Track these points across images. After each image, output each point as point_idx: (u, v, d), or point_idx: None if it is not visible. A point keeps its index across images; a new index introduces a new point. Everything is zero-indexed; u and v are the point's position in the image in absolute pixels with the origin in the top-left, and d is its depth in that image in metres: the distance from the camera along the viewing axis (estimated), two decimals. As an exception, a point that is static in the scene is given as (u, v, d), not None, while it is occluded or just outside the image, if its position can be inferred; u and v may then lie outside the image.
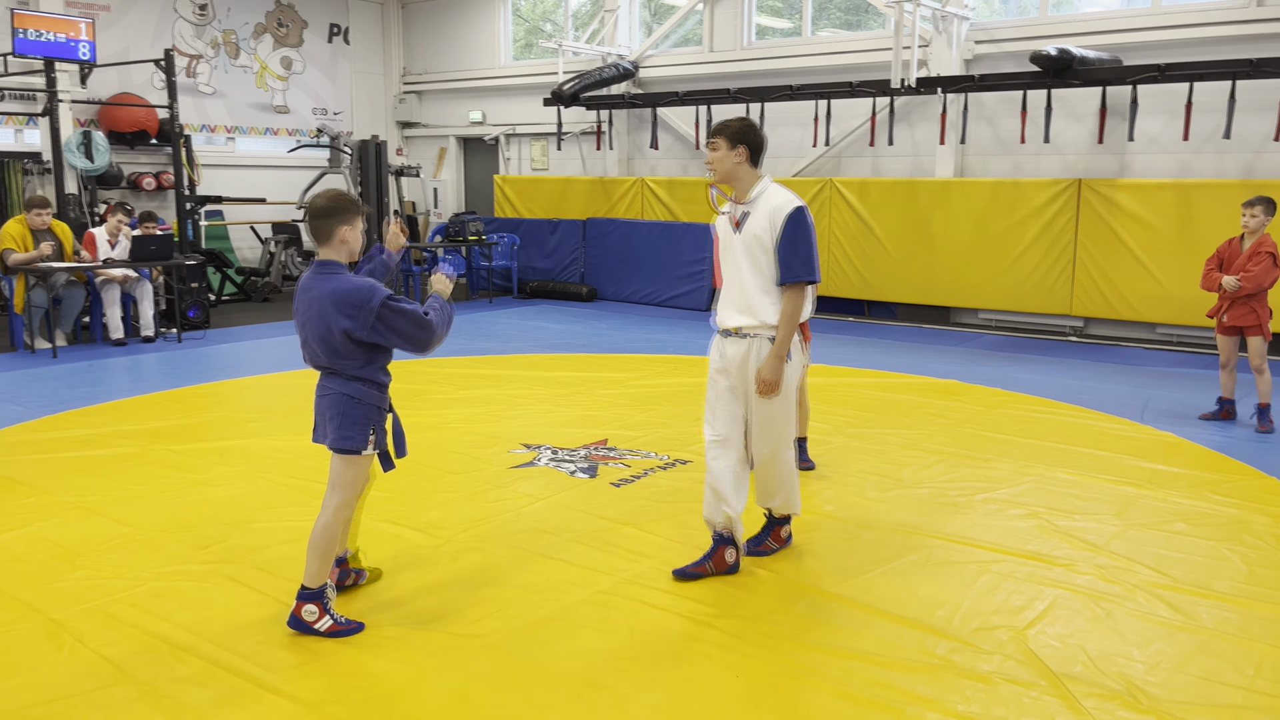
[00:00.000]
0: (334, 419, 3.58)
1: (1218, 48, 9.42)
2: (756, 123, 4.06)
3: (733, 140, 3.98)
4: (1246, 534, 4.73)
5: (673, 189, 13.01)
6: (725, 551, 4.16)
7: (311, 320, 3.53)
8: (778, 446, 4.19)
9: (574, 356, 9.27)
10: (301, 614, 3.59)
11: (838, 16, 12.58)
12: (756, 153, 4.01)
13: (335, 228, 3.52)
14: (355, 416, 3.58)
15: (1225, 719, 3.13)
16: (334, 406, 3.58)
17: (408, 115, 16.38)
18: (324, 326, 3.49)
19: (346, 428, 3.57)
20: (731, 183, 4.06)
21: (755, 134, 4.01)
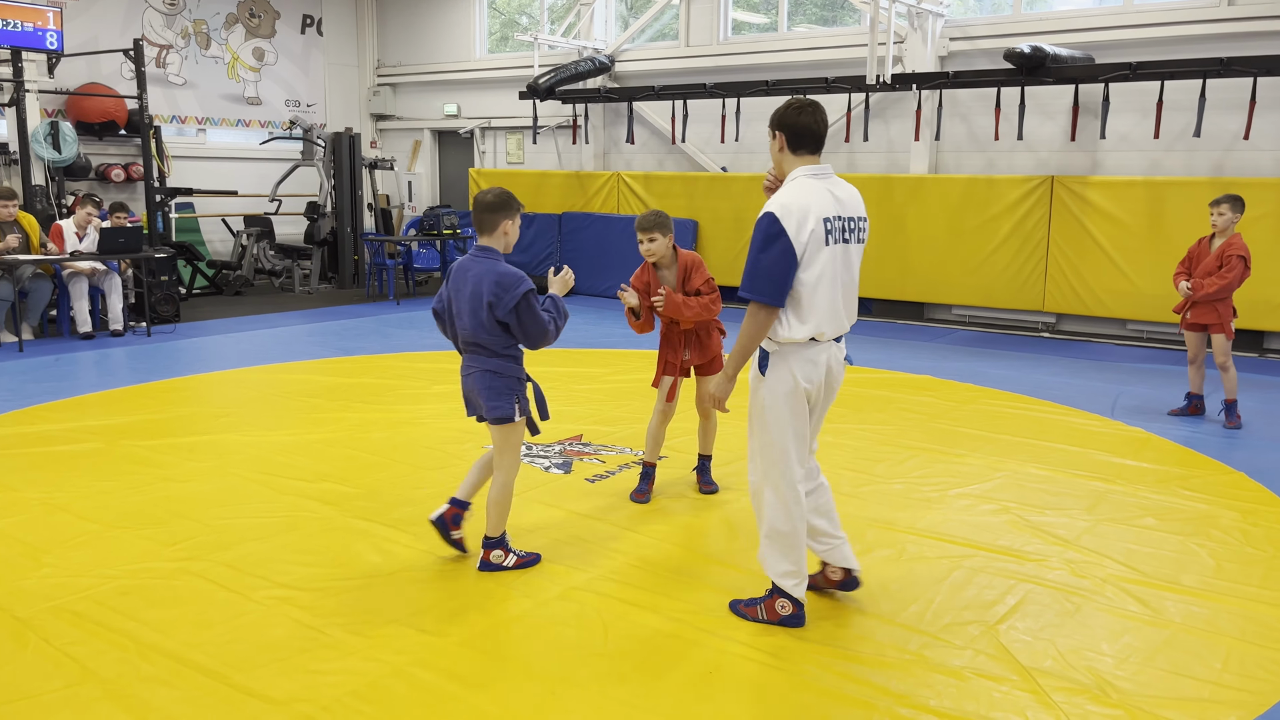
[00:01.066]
0: (483, 393, 4.00)
1: (1189, 46, 9.51)
2: (807, 102, 3.46)
3: (771, 126, 3.51)
4: (1214, 529, 4.78)
5: (649, 183, 12.99)
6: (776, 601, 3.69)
7: (468, 296, 3.92)
8: (755, 483, 3.67)
9: (548, 351, 9.23)
10: (490, 559, 4.12)
11: (814, 12, 12.60)
12: (797, 137, 3.44)
13: (500, 220, 3.96)
14: (500, 389, 4.00)
15: (1193, 712, 3.16)
16: (481, 382, 4.00)
17: (382, 108, 16.26)
18: (478, 302, 3.89)
19: (495, 399, 3.99)
20: (781, 176, 3.57)
21: (794, 115, 3.44)
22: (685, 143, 12.77)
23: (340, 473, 5.47)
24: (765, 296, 3.38)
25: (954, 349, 9.63)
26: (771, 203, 3.40)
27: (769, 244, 3.35)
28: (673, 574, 4.14)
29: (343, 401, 7.10)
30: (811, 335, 3.44)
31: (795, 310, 3.43)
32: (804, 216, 3.35)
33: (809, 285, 3.40)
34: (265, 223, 13.95)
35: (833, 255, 3.43)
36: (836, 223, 3.43)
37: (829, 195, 3.44)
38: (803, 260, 3.37)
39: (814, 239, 3.36)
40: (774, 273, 3.35)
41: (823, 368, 3.53)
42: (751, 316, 3.43)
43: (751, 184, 12.07)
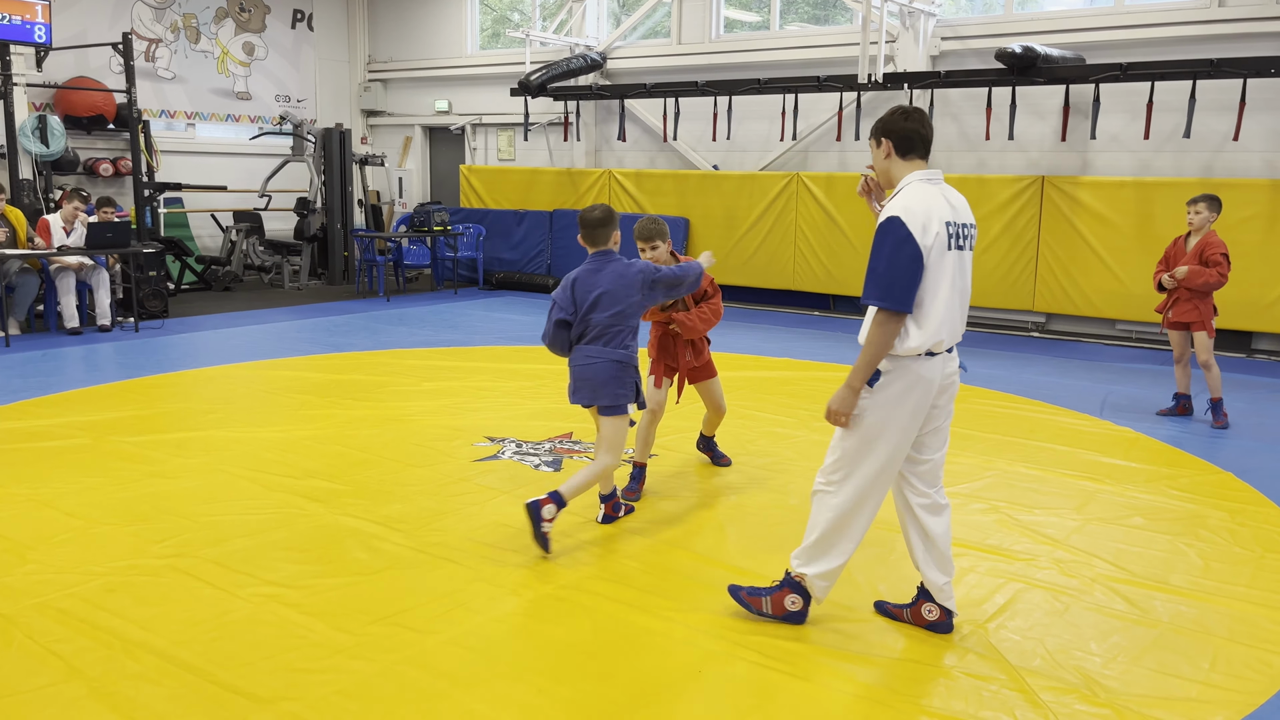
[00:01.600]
0: (608, 383, 4.35)
1: (1179, 47, 9.54)
2: (912, 108, 3.41)
3: (875, 133, 3.44)
4: (1202, 528, 4.80)
5: (640, 181, 12.97)
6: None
7: (610, 293, 4.33)
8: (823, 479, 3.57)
9: (539, 349, 9.22)
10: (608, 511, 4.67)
11: (806, 11, 12.60)
12: (904, 142, 3.36)
13: (611, 232, 4.45)
14: (625, 380, 4.37)
15: (1181, 712, 3.17)
16: (606, 372, 4.34)
17: (372, 104, 16.20)
18: (623, 295, 4.33)
19: (619, 388, 4.37)
20: (889, 184, 3.50)
21: (900, 121, 3.37)
22: (677, 140, 12.76)
23: (329, 470, 5.44)
24: (895, 303, 3.25)
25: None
26: (893, 207, 3.29)
27: (898, 248, 3.23)
28: (663, 572, 4.14)
29: (332, 398, 7.08)
30: (929, 346, 3.32)
31: (916, 319, 3.31)
32: (927, 220, 3.24)
33: (931, 292, 3.29)
34: (255, 218, 13.89)
35: (953, 261, 3.32)
36: (954, 228, 3.33)
37: (944, 200, 3.34)
38: (928, 265, 3.26)
39: (938, 244, 3.26)
40: (904, 279, 3.23)
41: (935, 380, 3.40)
42: (879, 325, 3.29)
43: (742, 182, 12.07)
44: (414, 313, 11.34)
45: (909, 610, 3.72)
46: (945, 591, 3.61)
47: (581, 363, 4.41)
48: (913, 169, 3.39)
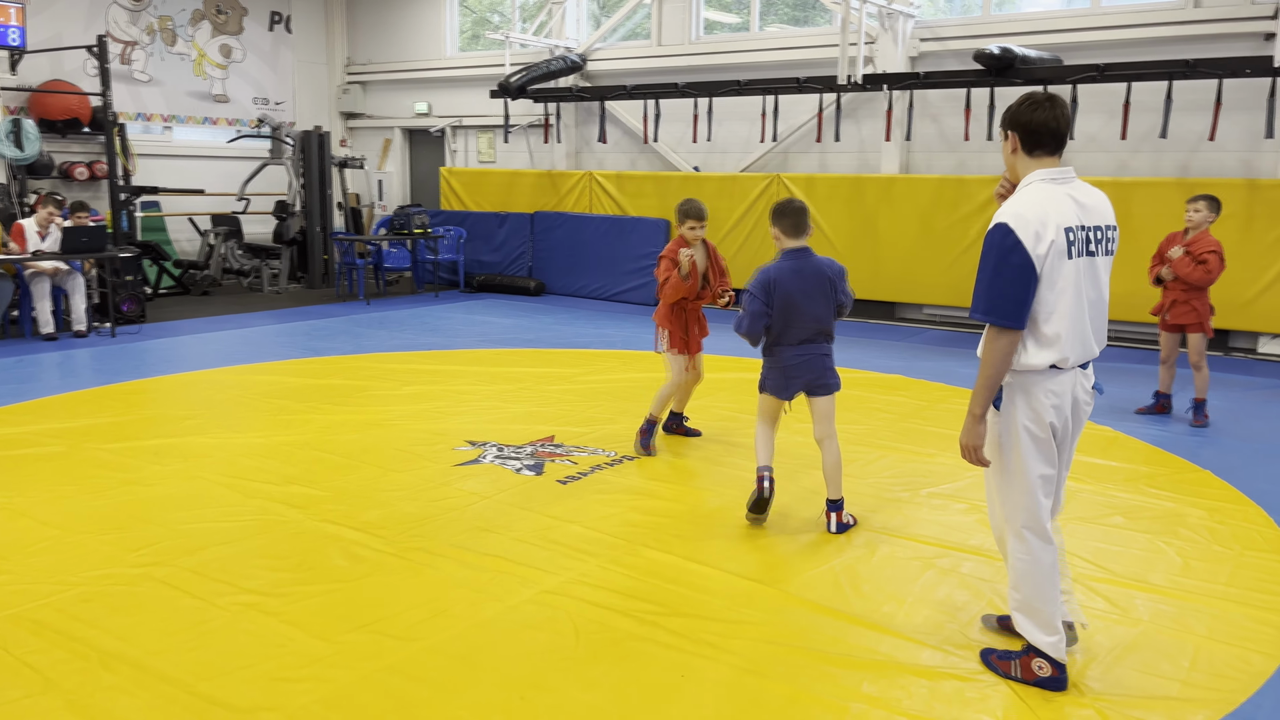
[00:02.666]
0: (829, 371, 4.72)
1: (1155, 48, 9.61)
2: (1044, 96, 3.10)
3: (1003, 125, 3.17)
4: (1182, 527, 4.82)
5: (621, 183, 12.96)
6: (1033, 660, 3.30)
7: (818, 290, 4.61)
8: (998, 527, 3.38)
9: (521, 352, 9.19)
10: (842, 519, 4.70)
11: (785, 12, 12.62)
12: (1034, 135, 3.07)
13: (809, 223, 4.68)
14: (834, 367, 4.79)
15: (1162, 711, 3.18)
16: (825, 362, 4.72)
17: (352, 106, 16.12)
18: (830, 292, 4.62)
19: (835, 374, 4.77)
20: (1015, 179, 3.21)
21: (1029, 111, 3.08)
22: (657, 142, 12.75)
23: (308, 475, 5.40)
24: (1005, 319, 3.00)
25: (925, 348, 9.68)
26: (1003, 212, 3.02)
27: (1004, 259, 2.97)
28: (645, 576, 4.12)
29: (311, 403, 7.02)
30: (1053, 362, 3.05)
31: (1034, 333, 3.05)
32: (1042, 226, 2.96)
33: (1050, 304, 3.01)
34: (233, 222, 13.79)
35: (1077, 270, 3.03)
36: (1080, 233, 3.03)
37: (1070, 201, 3.05)
38: (1043, 276, 2.99)
39: (1055, 251, 2.97)
40: (1012, 292, 2.98)
41: (1068, 399, 3.13)
42: (991, 343, 3.05)
43: (723, 183, 12.08)
44: (394, 316, 11.29)
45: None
46: (1065, 605, 3.40)
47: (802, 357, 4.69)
48: (1038, 166, 3.10)
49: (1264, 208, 9.06)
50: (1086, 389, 3.23)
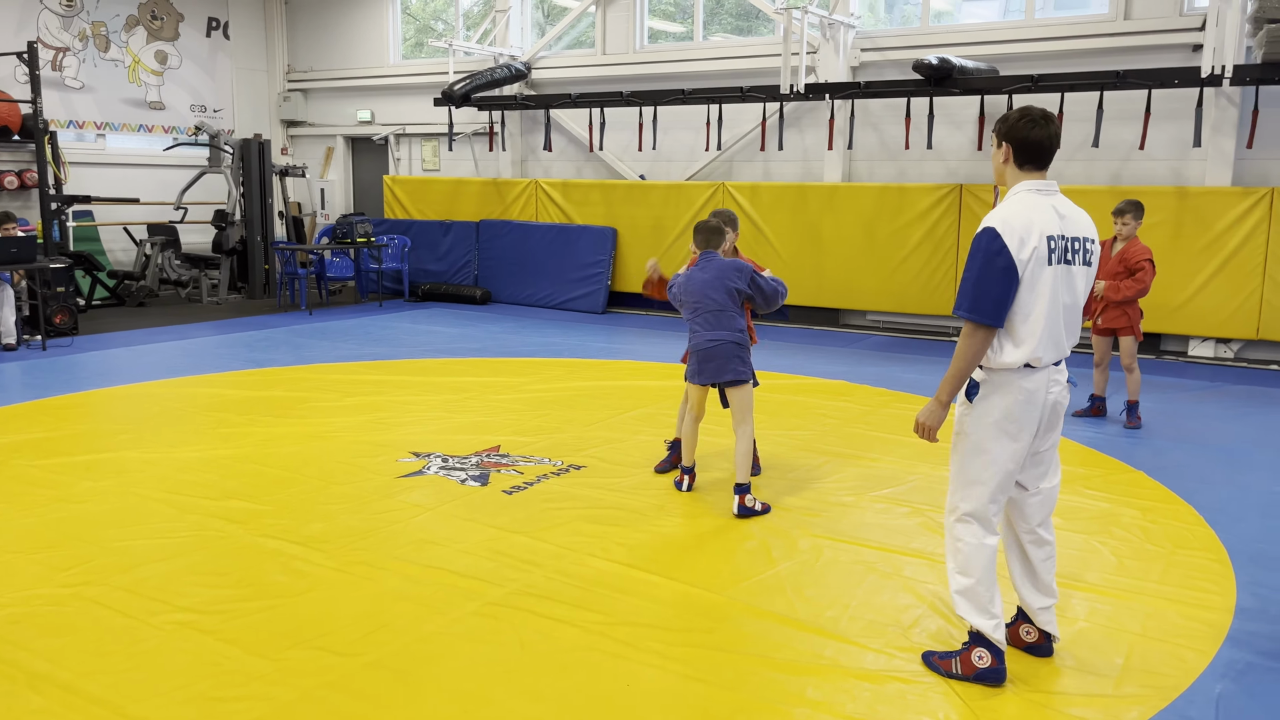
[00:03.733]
0: (737, 361, 5.07)
1: (1088, 59, 9.85)
2: (1040, 113, 3.25)
3: (997, 135, 3.31)
4: (1116, 526, 4.93)
5: (567, 191, 12.94)
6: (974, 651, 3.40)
7: (718, 281, 5.06)
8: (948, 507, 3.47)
9: (467, 361, 9.12)
10: (745, 502, 5.00)
11: (729, 22, 12.71)
12: (1024, 150, 3.23)
13: (726, 235, 5.26)
14: (744, 356, 5.11)
15: (1100, 708, 3.24)
16: (733, 351, 5.06)
17: (292, 114, 15.90)
18: (728, 283, 5.04)
19: (744, 364, 5.10)
20: (1003, 184, 3.38)
21: (1026, 128, 3.22)
22: (603, 151, 12.76)
23: (248, 489, 5.30)
24: (985, 317, 3.16)
25: (868, 354, 9.80)
26: (991, 217, 3.20)
27: (990, 260, 3.14)
28: (591, 585, 4.10)
29: (251, 415, 6.90)
30: (1026, 360, 3.21)
31: (1011, 333, 3.21)
32: (1026, 232, 3.13)
33: (1027, 306, 3.18)
34: (170, 231, 13.50)
35: (1055, 276, 3.19)
36: (1060, 242, 3.20)
37: (1053, 212, 3.21)
38: (1024, 279, 3.15)
39: (1036, 257, 3.14)
40: (994, 291, 3.14)
41: (1040, 396, 3.27)
42: (968, 337, 3.22)
43: (669, 192, 12.12)
44: (337, 326, 11.14)
45: (1007, 631, 3.54)
46: (1045, 615, 3.51)
47: (706, 346, 5.12)
48: (1027, 177, 3.26)
49: (1192, 215, 9.33)
50: (1061, 385, 3.36)
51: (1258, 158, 9.30)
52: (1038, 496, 3.46)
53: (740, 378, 5.11)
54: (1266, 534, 4.87)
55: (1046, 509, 3.49)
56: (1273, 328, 9.19)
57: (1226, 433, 6.87)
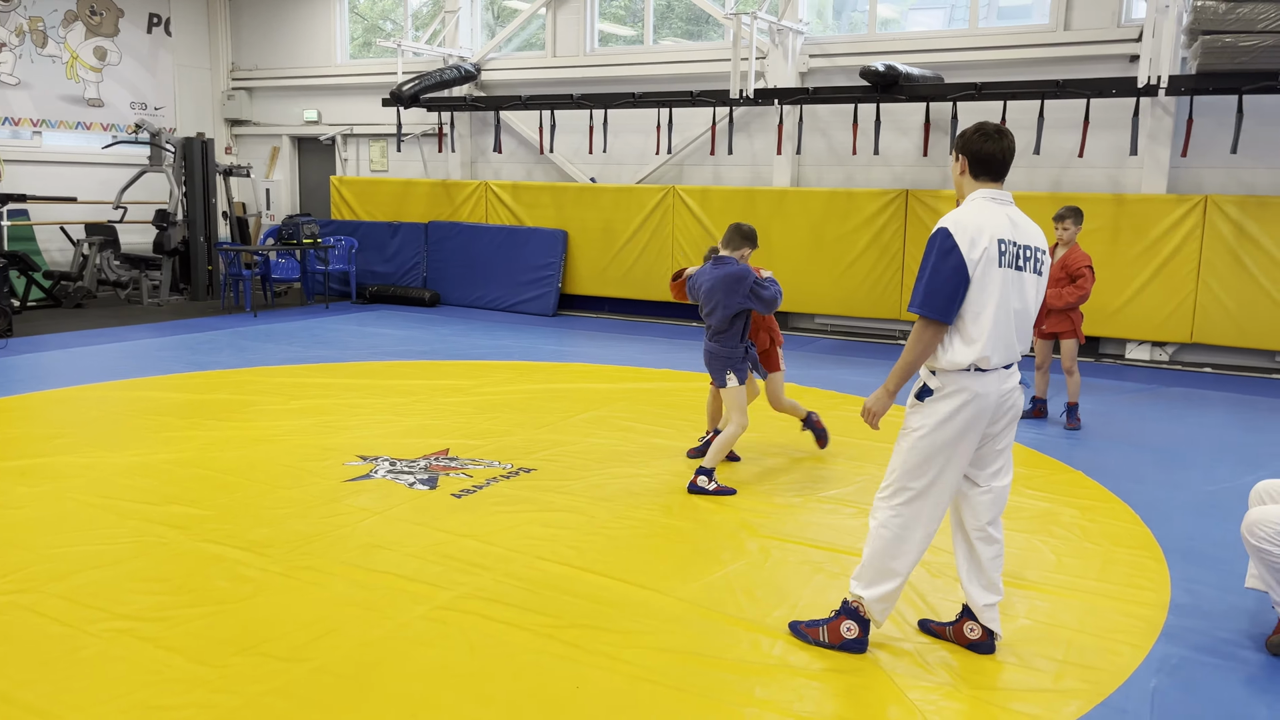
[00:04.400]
0: (716, 361, 5.54)
1: (1029, 68, 10.06)
2: (993, 128, 3.42)
3: (954, 149, 3.48)
4: (1055, 525, 5.04)
5: (517, 193, 12.90)
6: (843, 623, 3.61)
7: (712, 287, 5.45)
8: (878, 496, 3.59)
9: (415, 364, 9.05)
10: (697, 481, 5.38)
11: (679, 26, 12.77)
12: (980, 163, 3.40)
13: (745, 248, 5.55)
14: (730, 365, 5.51)
15: (1040, 703, 3.31)
16: (714, 359, 5.56)
17: (237, 113, 15.65)
18: (723, 302, 5.41)
19: (724, 371, 5.51)
20: (960, 198, 3.51)
21: (979, 141, 3.39)
22: (554, 153, 12.74)
23: (190, 494, 5.20)
24: (935, 313, 3.29)
25: (817, 357, 9.90)
26: (945, 219, 3.34)
27: (942, 259, 3.28)
28: (541, 588, 4.09)
29: (194, 419, 6.77)
30: (975, 361, 3.31)
31: (961, 332, 3.32)
32: (977, 234, 3.27)
33: (976, 306, 3.29)
34: (109, 231, 13.21)
35: (1004, 278, 3.31)
36: (1011, 247, 3.33)
37: (1005, 219, 3.35)
38: (974, 279, 3.27)
39: (987, 258, 3.27)
40: (945, 289, 3.27)
41: (990, 397, 3.36)
42: (919, 332, 3.33)
43: (619, 195, 12.14)
44: (283, 328, 10.98)
45: (951, 628, 3.70)
46: (989, 613, 3.60)
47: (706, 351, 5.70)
48: (981, 187, 3.42)
49: (1129, 221, 9.57)
50: (1014, 386, 3.47)
51: (1192, 166, 9.57)
52: (989, 494, 3.55)
53: (721, 384, 5.57)
54: (1199, 531, 5.01)
55: (997, 508, 3.57)
56: (1206, 331, 9.46)
57: (1161, 433, 7.05)
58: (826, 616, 3.70)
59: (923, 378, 3.47)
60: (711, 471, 5.41)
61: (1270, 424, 7.40)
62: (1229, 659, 3.65)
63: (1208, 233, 9.31)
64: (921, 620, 3.86)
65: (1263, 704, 3.34)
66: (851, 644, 3.59)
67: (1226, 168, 9.48)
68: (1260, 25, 7.99)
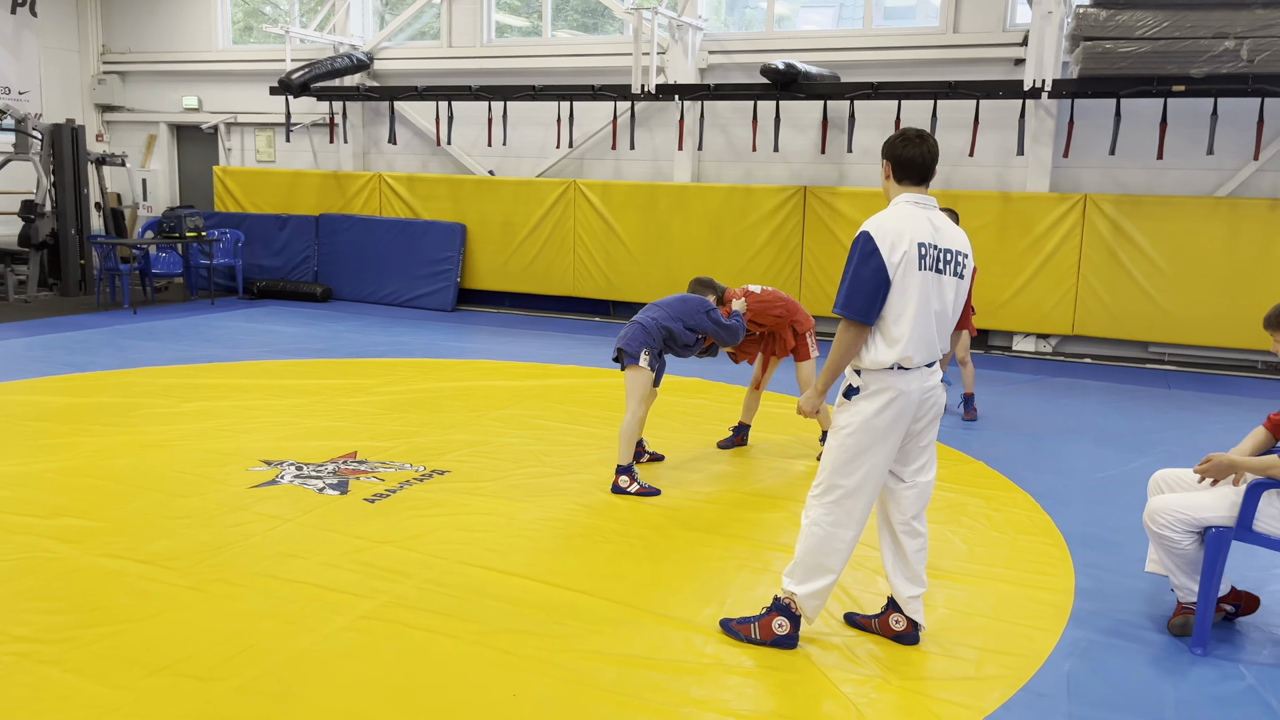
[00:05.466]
0: (631, 337, 5.46)
1: (922, 69, 10.36)
2: (915, 134, 3.49)
3: (882, 154, 3.56)
4: (963, 515, 5.20)
5: (413, 185, 12.62)
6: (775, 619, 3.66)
7: (672, 305, 5.63)
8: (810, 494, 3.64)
9: (313, 362, 8.76)
10: (619, 482, 5.36)
11: (575, 19, 12.70)
12: (902, 168, 3.47)
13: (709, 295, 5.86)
14: (644, 340, 5.46)
15: (964, 690, 3.41)
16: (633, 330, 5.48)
17: (109, 98, 14.86)
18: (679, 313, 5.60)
19: (637, 343, 5.44)
20: (887, 201, 3.59)
21: (901, 146, 3.47)
22: (451, 145, 12.51)
23: (81, 506, 4.91)
24: (857, 314, 3.37)
25: (720, 351, 9.97)
26: (867, 223, 3.41)
27: (863, 262, 3.35)
28: (465, 594, 4.01)
29: (78, 424, 6.40)
30: (898, 360, 3.39)
31: (884, 332, 3.41)
32: (898, 238, 3.34)
33: (897, 308, 3.37)
34: (-30, 223, 12.37)
35: (924, 281, 3.39)
36: (931, 250, 3.40)
37: (927, 223, 3.43)
38: (894, 281, 3.34)
39: (907, 261, 3.34)
40: (866, 290, 3.35)
41: (914, 395, 3.45)
42: (842, 333, 3.42)
43: (519, 188, 12.00)
44: (166, 326, 10.49)
45: (877, 621, 3.79)
46: (913, 605, 3.68)
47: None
48: (905, 191, 3.50)
49: (1015, 218, 9.96)
50: (936, 384, 3.57)
51: (1073, 166, 10.02)
52: (914, 489, 3.64)
53: (629, 350, 5.44)
54: (1093, 518, 5.25)
55: (921, 502, 3.67)
56: (1086, 323, 9.93)
57: (1050, 423, 7.37)
58: (757, 614, 3.74)
59: (848, 377, 3.54)
60: (631, 469, 5.40)
61: (1147, 412, 7.82)
62: (1133, 640, 3.83)
63: (1087, 230, 9.77)
64: (847, 614, 3.93)
65: (1168, 684, 3.52)
66: (782, 640, 3.64)
67: (1103, 168, 9.96)
68: (1138, 32, 8.41)
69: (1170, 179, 9.79)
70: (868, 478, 3.52)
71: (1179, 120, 9.29)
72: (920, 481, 3.66)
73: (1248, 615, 4.02)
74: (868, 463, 3.50)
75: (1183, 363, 9.86)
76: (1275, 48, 8.09)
